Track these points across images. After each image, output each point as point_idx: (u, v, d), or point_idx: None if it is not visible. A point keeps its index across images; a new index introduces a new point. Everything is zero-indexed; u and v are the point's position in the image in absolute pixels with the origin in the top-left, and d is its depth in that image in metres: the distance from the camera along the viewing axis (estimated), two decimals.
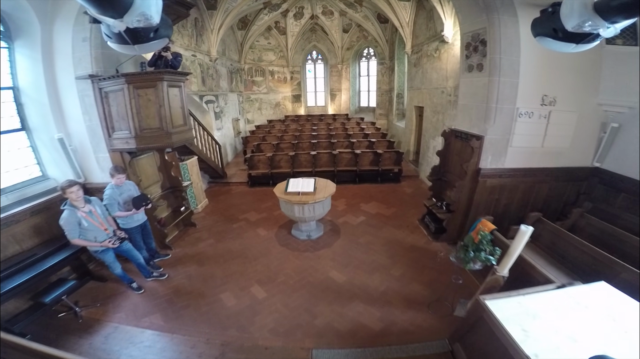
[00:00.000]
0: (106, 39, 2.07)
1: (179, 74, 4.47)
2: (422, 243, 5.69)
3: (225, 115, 11.12)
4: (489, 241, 3.37)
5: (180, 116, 4.54)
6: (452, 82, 6.65)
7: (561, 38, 2.17)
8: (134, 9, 1.67)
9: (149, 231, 4.82)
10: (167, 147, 4.59)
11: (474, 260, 3.43)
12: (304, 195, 5.18)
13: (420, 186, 8.58)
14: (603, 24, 1.81)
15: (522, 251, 3.13)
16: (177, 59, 4.59)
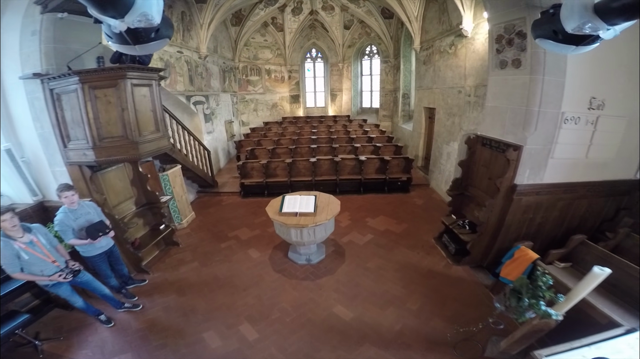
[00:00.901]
0: (107, 39, 2.07)
1: (149, 70, 3.72)
2: (440, 267, 5.00)
3: (217, 117, 10.37)
4: (549, 286, 2.66)
5: (151, 121, 3.79)
6: (472, 81, 5.93)
7: (561, 40, 2.18)
8: (135, 9, 1.68)
9: (117, 257, 4.17)
10: (134, 160, 3.82)
11: (528, 309, 2.71)
12: (303, 216, 4.44)
13: (432, 196, 7.85)
14: (603, 26, 1.82)
15: None
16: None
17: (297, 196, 4.82)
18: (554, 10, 2.15)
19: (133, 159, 3.64)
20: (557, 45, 2.25)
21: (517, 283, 2.96)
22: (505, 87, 3.95)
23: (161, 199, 5.16)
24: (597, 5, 1.76)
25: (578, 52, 2.25)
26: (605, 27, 1.84)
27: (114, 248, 4.05)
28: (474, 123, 5.94)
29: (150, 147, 3.73)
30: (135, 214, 4.94)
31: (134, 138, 3.47)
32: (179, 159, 6.06)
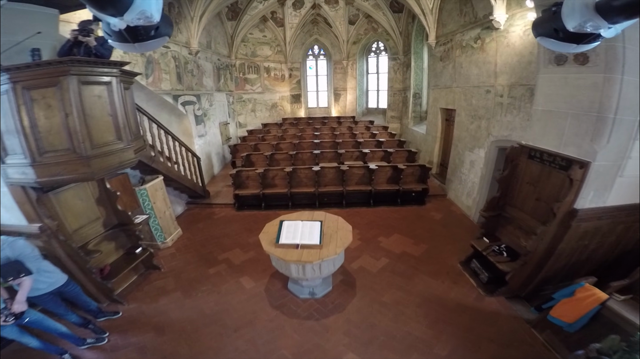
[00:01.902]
0: (106, 37, 2.06)
1: (104, 65, 2.97)
2: (471, 300, 4.27)
3: (210, 119, 9.61)
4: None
5: (110, 129, 3.04)
6: (506, 79, 5.16)
7: (562, 38, 2.21)
8: (135, 7, 1.69)
9: (75, 295, 3.50)
10: (84, 180, 3.04)
11: None
12: (306, 248, 3.66)
13: (451, 209, 7.07)
14: (604, 24, 1.84)
15: None
16: (106, 45, 3.18)
17: (299, 222, 4.00)
18: (555, 9, 2.14)
19: (83, 179, 2.88)
20: (558, 44, 2.27)
21: (606, 344, 2.32)
22: (564, 87, 3.18)
23: (135, 220, 4.40)
24: (599, 4, 1.77)
25: (578, 50, 2.29)
26: (606, 26, 1.86)
27: (66, 288, 3.36)
28: (507, 129, 5.18)
29: (108, 162, 2.97)
30: (105, 237, 4.20)
31: (83, 152, 2.71)
32: (160, 169, 5.31)
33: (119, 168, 3.23)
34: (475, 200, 6.29)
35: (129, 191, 4.42)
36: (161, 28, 2.05)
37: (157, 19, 1.84)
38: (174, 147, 6.13)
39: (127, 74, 3.62)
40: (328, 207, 7.26)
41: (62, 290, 3.31)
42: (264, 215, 7.06)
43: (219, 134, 10.46)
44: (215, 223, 6.75)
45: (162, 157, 5.66)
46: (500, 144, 5.45)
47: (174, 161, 6.12)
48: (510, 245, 4.27)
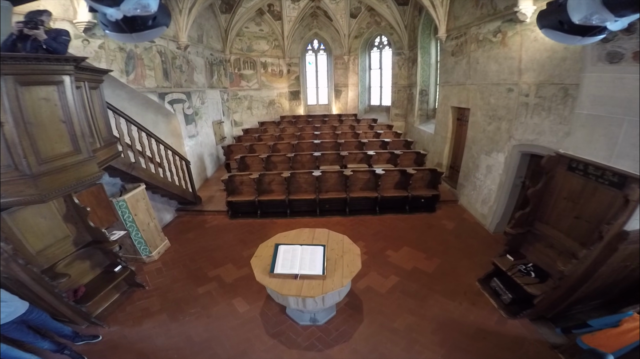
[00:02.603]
0: (102, 28, 2.06)
1: (53, 61, 2.49)
2: (492, 324, 3.86)
3: (202, 118, 9.10)
4: None
5: (63, 138, 2.57)
6: (533, 77, 4.68)
7: (567, 30, 2.21)
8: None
9: (42, 321, 3.16)
10: (31, 202, 2.52)
11: None
12: (306, 279, 3.18)
13: (463, 217, 6.62)
14: (611, 17, 1.84)
15: None
16: (60, 38, 2.73)
17: (297, 246, 3.49)
18: (561, 1, 2.14)
19: (29, 201, 2.38)
20: (563, 36, 2.27)
21: None
22: (619, 89, 2.72)
23: (111, 236, 3.93)
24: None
25: (583, 42, 2.29)
26: (612, 19, 1.86)
27: (30, 316, 3.00)
28: (533, 132, 4.72)
29: (61, 179, 2.50)
30: (77, 257, 3.74)
31: (27, 170, 2.23)
32: (142, 177, 4.84)
33: (79, 186, 2.74)
34: (492, 209, 5.85)
35: (104, 204, 3.94)
36: (159, 18, 2.03)
37: (154, 8, 1.85)
38: (158, 150, 5.64)
39: (93, 72, 3.15)
40: (330, 215, 6.82)
41: (25, 318, 2.98)
42: (260, 224, 6.60)
43: (212, 134, 9.95)
44: (206, 233, 6.27)
45: (145, 163, 5.17)
46: (524, 149, 4.99)
47: (158, 164, 5.61)
48: (538, 264, 3.85)
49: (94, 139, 3.28)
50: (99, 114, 3.28)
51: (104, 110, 3.44)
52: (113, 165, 4.12)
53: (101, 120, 3.35)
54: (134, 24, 1.96)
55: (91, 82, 3.16)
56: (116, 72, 5.48)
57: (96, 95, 3.27)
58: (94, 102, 3.20)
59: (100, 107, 3.33)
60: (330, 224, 6.49)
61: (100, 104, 3.35)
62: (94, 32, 4.92)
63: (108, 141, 3.49)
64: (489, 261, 4.84)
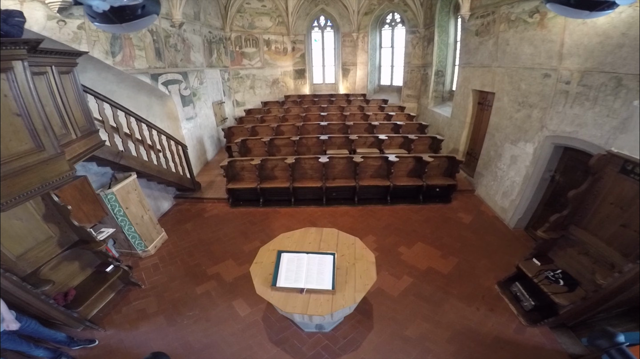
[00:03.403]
0: (91, 20, 2.04)
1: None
2: (510, 332, 3.58)
3: (201, 99, 8.57)
4: None
5: (20, 134, 2.16)
6: (577, 64, 4.05)
7: (573, 5, 2.17)
8: None
9: (32, 330, 2.98)
10: None
11: None
12: (313, 293, 2.82)
13: (480, 209, 6.20)
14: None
15: None
16: (12, 20, 2.29)
17: (303, 255, 3.08)
18: None
19: None
20: (569, 10, 2.23)
21: None
22: None
23: (99, 235, 3.60)
24: None
25: (591, 17, 2.30)
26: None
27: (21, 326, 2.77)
28: (572, 124, 4.18)
29: (20, 183, 2.11)
30: (64, 258, 3.45)
31: None
32: (133, 166, 4.45)
33: (44, 188, 2.36)
34: (514, 203, 5.41)
35: (91, 199, 3.58)
36: (148, 6, 2.01)
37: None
38: (150, 136, 5.21)
39: (61, 54, 2.70)
40: (337, 204, 6.43)
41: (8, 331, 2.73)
42: (262, 213, 6.26)
43: (212, 115, 9.45)
44: (205, 223, 5.95)
45: (135, 150, 4.76)
46: (558, 141, 4.47)
47: (150, 149, 5.20)
48: (567, 271, 3.50)
49: (67, 130, 2.89)
50: (74, 102, 2.88)
51: (79, 96, 3.01)
52: (98, 155, 3.74)
53: (76, 108, 2.94)
54: (123, 14, 1.93)
55: (60, 66, 2.73)
56: (100, 54, 4.99)
57: (69, 80, 2.85)
58: (66, 88, 2.79)
59: (74, 93, 2.92)
60: (337, 214, 6.13)
61: (74, 90, 2.93)
62: (71, 12, 4.37)
63: (87, 131, 3.09)
64: (509, 262, 4.59)
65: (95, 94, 3.87)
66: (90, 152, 3.14)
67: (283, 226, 5.74)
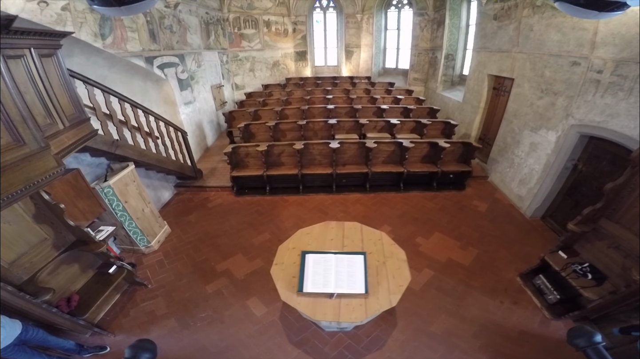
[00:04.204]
0: (89, 4, 1.99)
1: None
2: (535, 326, 3.45)
3: (199, 82, 7.99)
4: None
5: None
6: (612, 53, 3.69)
7: (583, 4, 2.14)
8: None
9: (41, 339, 2.72)
10: None
11: None
12: (344, 298, 2.51)
13: (495, 196, 5.92)
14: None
15: None
16: None
17: (330, 255, 2.74)
18: None
19: None
20: (578, 10, 2.20)
21: None
22: None
23: (98, 235, 3.24)
24: None
25: (600, 18, 2.24)
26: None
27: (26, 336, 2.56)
28: (602, 114, 3.90)
29: None
30: (62, 261, 3.09)
31: None
32: (130, 156, 4.02)
33: (29, 189, 1.96)
34: (532, 191, 5.14)
35: (86, 194, 3.18)
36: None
37: None
38: (147, 122, 4.74)
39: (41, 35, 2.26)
40: (347, 191, 6.11)
41: (22, 339, 2.58)
42: (269, 202, 5.90)
43: (211, 99, 8.88)
44: (210, 214, 5.59)
45: (132, 138, 4.32)
46: (585, 130, 4.20)
47: (147, 136, 4.74)
48: (594, 264, 3.32)
49: (53, 120, 2.46)
50: (59, 88, 2.46)
51: (65, 81, 2.57)
52: (91, 145, 3.31)
53: (62, 94, 2.51)
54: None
55: (41, 49, 2.31)
56: (88, 36, 4.45)
57: (52, 64, 2.42)
58: (49, 73, 2.37)
59: (59, 78, 2.49)
60: (348, 202, 5.81)
61: (59, 75, 2.50)
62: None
63: (76, 119, 2.66)
64: (528, 253, 4.42)
65: (84, 79, 3.38)
66: (81, 143, 2.72)
67: (292, 216, 5.42)
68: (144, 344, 1.28)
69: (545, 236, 4.82)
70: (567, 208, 4.74)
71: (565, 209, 4.77)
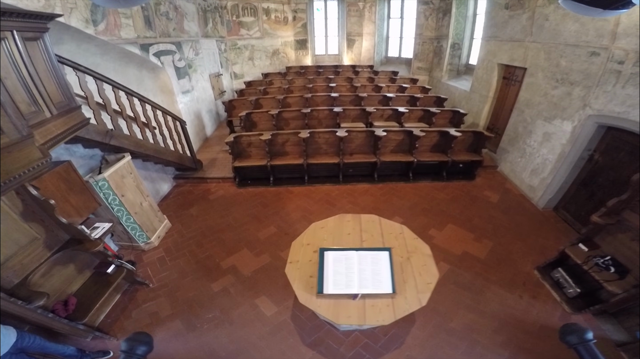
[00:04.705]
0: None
1: None
2: (555, 320, 3.32)
3: (197, 71, 7.58)
4: None
5: None
6: (635, 44, 3.50)
7: (587, 1, 2.10)
8: None
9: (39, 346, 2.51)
10: None
11: None
12: (369, 299, 2.25)
13: (506, 187, 5.71)
14: None
15: None
16: None
17: (352, 252, 2.45)
18: None
19: None
20: (582, 7, 2.15)
21: None
22: None
23: (94, 232, 2.94)
24: None
25: (604, 15, 2.15)
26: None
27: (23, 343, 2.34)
28: (623, 104, 3.70)
29: None
30: (55, 262, 2.79)
31: None
32: (126, 146, 3.69)
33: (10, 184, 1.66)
34: (545, 182, 4.94)
35: (79, 188, 2.87)
36: None
37: None
38: (144, 111, 4.38)
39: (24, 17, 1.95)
40: (355, 182, 5.85)
41: (19, 346, 2.38)
42: (274, 193, 5.62)
43: (209, 88, 8.48)
44: (211, 207, 5.29)
45: (127, 128, 3.98)
46: (603, 120, 4.01)
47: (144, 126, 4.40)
48: (616, 257, 3.17)
49: (38, 108, 2.15)
50: (45, 73, 2.16)
51: (52, 67, 2.26)
52: (83, 136, 2.99)
53: (49, 81, 2.21)
54: None
55: (25, 32, 2.01)
56: (79, 22, 4.07)
57: (37, 48, 2.13)
58: (34, 57, 2.08)
59: (46, 63, 2.19)
60: (356, 193, 5.56)
61: (46, 60, 2.19)
62: None
63: (65, 107, 2.35)
64: (543, 245, 4.27)
65: (74, 65, 3.02)
66: (71, 132, 2.41)
67: (299, 207, 5.15)
68: (140, 336, 1.24)
69: (559, 228, 4.64)
70: (581, 199, 4.56)
71: (580, 200, 4.58)
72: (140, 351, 1.17)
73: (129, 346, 1.18)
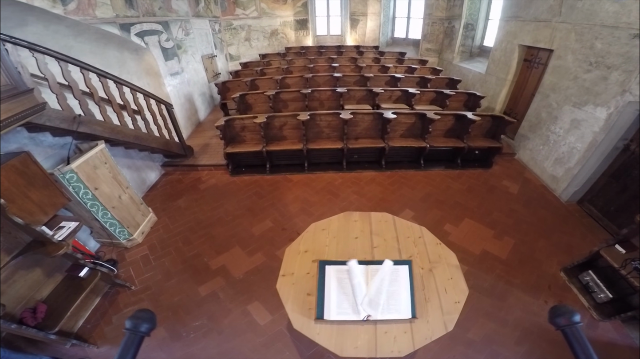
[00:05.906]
0: None
1: None
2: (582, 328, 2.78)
3: (188, 52, 7.02)
4: None
5: None
6: None
7: None
8: None
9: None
10: None
11: None
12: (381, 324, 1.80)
13: (525, 176, 5.26)
14: None
15: None
16: None
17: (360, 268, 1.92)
18: None
19: None
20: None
21: None
22: None
23: (58, 233, 2.55)
24: None
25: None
26: None
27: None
28: None
29: None
30: (18, 266, 2.42)
31: None
32: (99, 133, 3.25)
33: None
34: (571, 172, 4.50)
35: (42, 182, 2.43)
36: None
37: None
38: (121, 94, 3.91)
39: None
40: (360, 169, 5.41)
41: None
42: (270, 181, 5.19)
43: (202, 70, 7.94)
44: (202, 197, 4.86)
45: (101, 113, 3.52)
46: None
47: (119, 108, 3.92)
48: None
49: None
50: None
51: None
52: (42, 122, 2.56)
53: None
54: None
55: None
56: (44, 1, 3.59)
57: None
58: None
59: None
60: (361, 181, 5.12)
61: None
62: None
63: (12, 91, 1.95)
64: (568, 243, 3.88)
65: (26, 44, 2.54)
66: (20, 119, 2.01)
67: (298, 198, 4.72)
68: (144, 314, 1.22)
69: (584, 224, 4.22)
70: (611, 193, 4.13)
71: (609, 194, 4.16)
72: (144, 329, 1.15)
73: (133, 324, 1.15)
